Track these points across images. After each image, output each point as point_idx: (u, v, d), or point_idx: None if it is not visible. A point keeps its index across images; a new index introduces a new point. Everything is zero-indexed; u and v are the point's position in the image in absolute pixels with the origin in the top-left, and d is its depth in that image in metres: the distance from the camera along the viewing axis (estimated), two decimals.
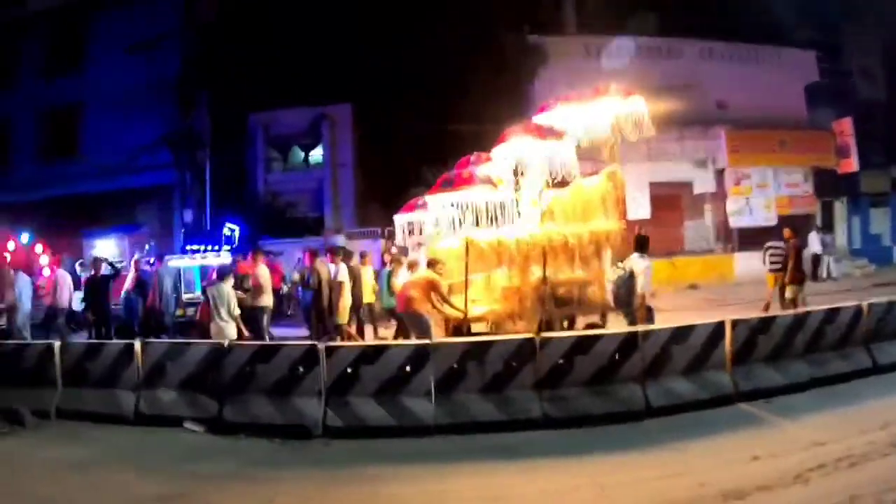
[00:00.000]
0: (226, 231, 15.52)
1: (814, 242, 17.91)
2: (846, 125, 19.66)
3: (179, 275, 12.85)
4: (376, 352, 6.48)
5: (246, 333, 8.94)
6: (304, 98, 22.16)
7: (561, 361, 6.45)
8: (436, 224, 10.84)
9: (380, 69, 21.16)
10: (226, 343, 7.01)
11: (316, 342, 6.78)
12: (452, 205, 10.64)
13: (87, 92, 21.78)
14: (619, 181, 10.59)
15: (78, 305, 13.05)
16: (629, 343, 6.59)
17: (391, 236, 15.30)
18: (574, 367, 6.45)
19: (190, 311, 12.18)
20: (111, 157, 20.27)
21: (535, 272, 9.33)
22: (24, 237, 16.29)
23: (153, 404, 6.70)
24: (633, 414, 6.24)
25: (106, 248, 19.02)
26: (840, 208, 21.08)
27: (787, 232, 11.46)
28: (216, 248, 13.64)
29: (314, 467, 5.38)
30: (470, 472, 5.11)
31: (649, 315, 9.10)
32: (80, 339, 11.53)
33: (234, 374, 6.54)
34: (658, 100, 11.90)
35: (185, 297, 12.70)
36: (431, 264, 9.43)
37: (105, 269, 12.19)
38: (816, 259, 17.84)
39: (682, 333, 6.81)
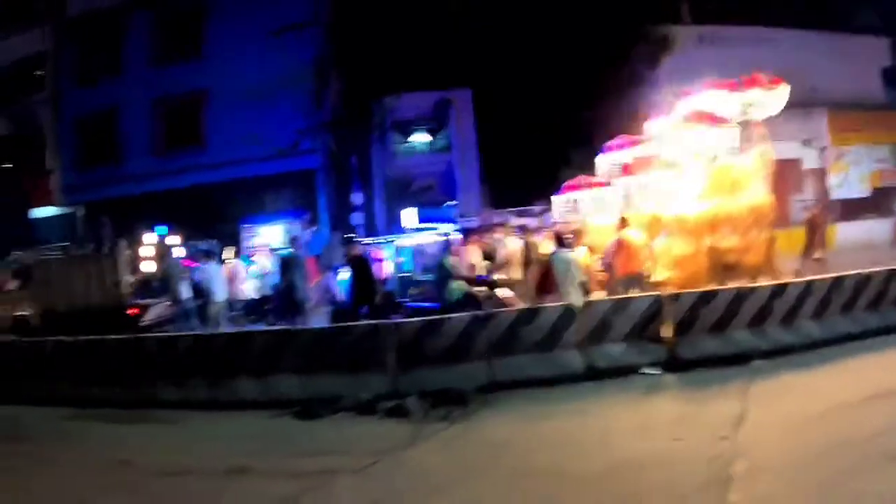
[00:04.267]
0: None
1: None
2: None
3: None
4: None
5: None
6: (426, 83, 23.08)
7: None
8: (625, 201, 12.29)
9: (504, 56, 22.14)
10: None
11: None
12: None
13: (209, 79, 21.46)
14: (769, 159, 12.56)
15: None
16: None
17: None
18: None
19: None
20: (239, 146, 20.51)
21: (706, 241, 11.33)
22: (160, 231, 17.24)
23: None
24: None
25: (272, 234, 19.57)
26: None
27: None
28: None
29: None
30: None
31: None
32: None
33: None
34: None
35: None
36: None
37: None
38: None
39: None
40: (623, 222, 11.18)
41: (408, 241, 14.74)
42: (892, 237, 17.72)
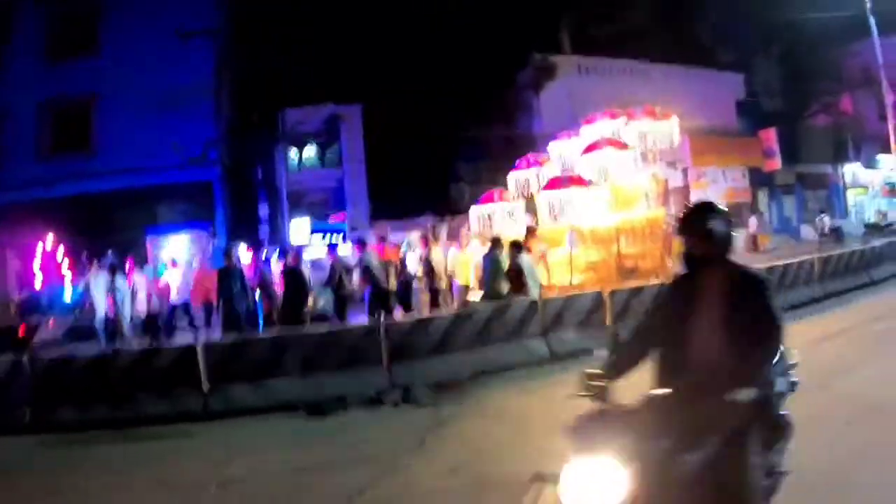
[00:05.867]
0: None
1: (752, 223, 23.04)
2: (771, 133, 25.07)
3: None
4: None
5: None
6: (319, 98, 23.93)
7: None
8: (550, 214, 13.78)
9: (391, 74, 23.44)
10: None
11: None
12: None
13: (103, 82, 20.24)
14: (661, 180, 14.77)
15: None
16: None
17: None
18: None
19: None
20: (133, 153, 19.51)
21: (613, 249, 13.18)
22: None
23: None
24: None
25: (177, 245, 19.10)
26: (762, 197, 26.56)
27: None
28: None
29: None
30: None
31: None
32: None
33: None
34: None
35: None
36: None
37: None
38: (754, 236, 22.99)
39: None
40: (531, 233, 12.74)
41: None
42: (743, 246, 21.01)
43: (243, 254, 16.24)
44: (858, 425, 5.41)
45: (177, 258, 17.92)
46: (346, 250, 19.38)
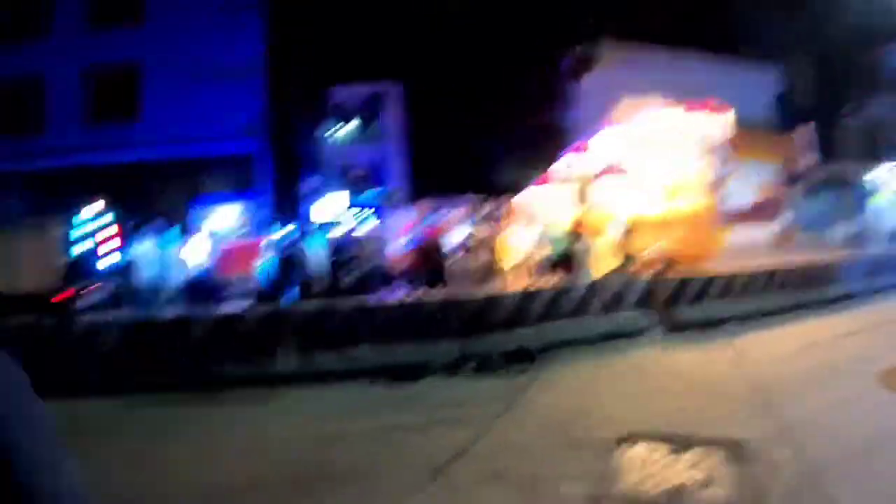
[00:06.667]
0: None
1: (782, 220, 23.28)
2: (806, 130, 25.16)
3: None
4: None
5: None
6: (363, 74, 24.33)
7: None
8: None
9: (436, 54, 23.78)
10: None
11: None
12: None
13: (146, 50, 20.59)
14: (709, 173, 15.09)
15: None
16: None
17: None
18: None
19: None
20: (177, 123, 19.95)
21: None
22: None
23: None
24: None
25: (222, 215, 19.46)
26: (793, 195, 26.70)
27: None
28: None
29: None
30: None
31: None
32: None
33: None
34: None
35: None
36: None
37: None
38: (783, 232, 23.23)
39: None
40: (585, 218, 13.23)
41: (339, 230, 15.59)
42: (773, 240, 21.29)
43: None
44: None
45: (220, 229, 18.64)
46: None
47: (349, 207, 22.41)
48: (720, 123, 13.99)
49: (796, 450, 4.85)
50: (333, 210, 21.30)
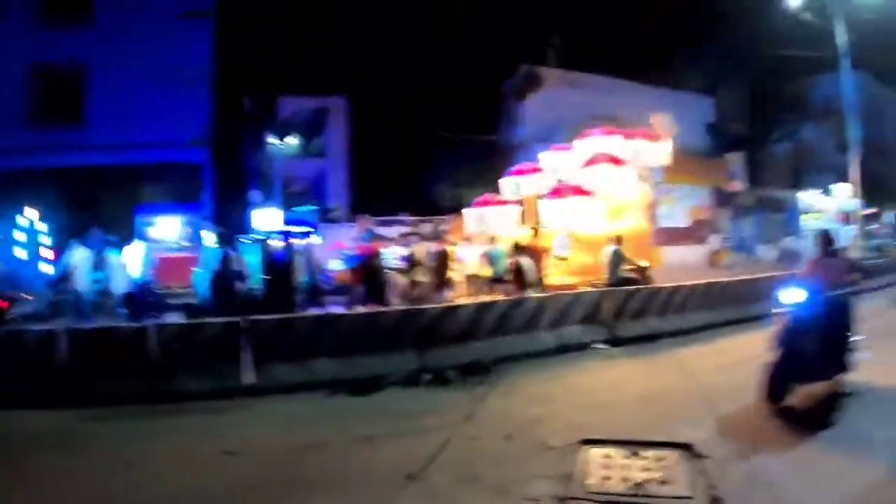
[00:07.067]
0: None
1: (714, 241, 24.58)
2: (736, 156, 26.78)
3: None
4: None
5: None
6: (307, 89, 24.39)
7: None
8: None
9: (380, 71, 24.17)
10: None
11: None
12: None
13: (95, 53, 20.06)
14: (648, 195, 15.89)
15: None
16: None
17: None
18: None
19: None
20: (124, 130, 19.51)
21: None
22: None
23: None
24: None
25: (168, 226, 18.78)
26: (724, 217, 28.21)
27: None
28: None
29: None
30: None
31: None
32: None
33: None
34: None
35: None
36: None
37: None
38: (714, 253, 24.54)
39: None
40: (536, 233, 13.78)
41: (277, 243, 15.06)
42: (705, 259, 22.49)
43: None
44: None
45: (161, 238, 18.28)
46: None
47: (289, 222, 22.20)
48: (657, 149, 14.82)
49: (740, 449, 5.41)
50: (272, 224, 21.13)
